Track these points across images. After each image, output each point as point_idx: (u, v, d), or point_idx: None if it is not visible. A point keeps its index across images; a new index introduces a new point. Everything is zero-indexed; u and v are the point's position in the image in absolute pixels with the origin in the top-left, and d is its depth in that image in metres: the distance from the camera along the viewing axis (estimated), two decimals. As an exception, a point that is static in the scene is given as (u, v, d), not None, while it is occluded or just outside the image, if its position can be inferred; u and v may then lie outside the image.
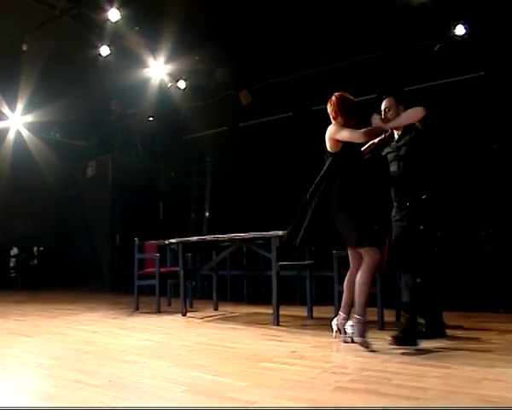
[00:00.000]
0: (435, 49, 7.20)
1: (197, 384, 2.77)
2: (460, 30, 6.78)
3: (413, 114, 3.73)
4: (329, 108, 3.95)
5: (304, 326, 4.85)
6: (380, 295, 4.35)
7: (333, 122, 3.89)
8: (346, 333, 3.79)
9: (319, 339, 4.04)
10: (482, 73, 7.21)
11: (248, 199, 8.80)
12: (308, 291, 5.24)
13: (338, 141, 3.79)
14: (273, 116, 8.86)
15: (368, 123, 3.78)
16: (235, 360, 3.35)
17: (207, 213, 9.89)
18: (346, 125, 3.81)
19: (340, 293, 4.62)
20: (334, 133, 3.79)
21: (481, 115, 6.97)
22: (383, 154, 4.12)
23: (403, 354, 3.38)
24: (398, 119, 3.83)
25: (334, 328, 3.90)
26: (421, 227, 3.80)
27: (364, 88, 7.79)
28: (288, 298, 6.54)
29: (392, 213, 4.02)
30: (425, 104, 7.34)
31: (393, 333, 3.70)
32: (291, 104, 8.66)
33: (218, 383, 2.80)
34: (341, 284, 4.56)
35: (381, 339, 3.90)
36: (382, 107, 4.05)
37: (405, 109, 3.84)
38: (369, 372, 2.90)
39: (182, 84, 8.87)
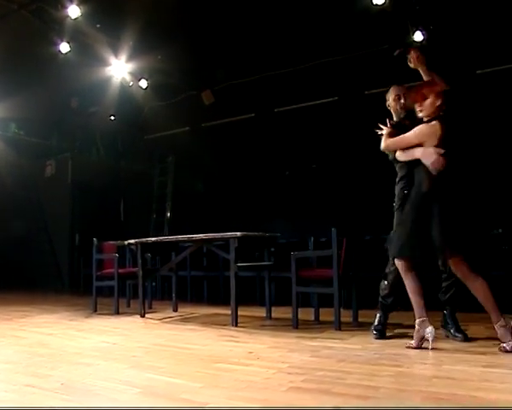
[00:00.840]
0: (395, 54, 7.32)
1: (151, 386, 2.75)
2: (418, 36, 6.93)
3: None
4: None
5: (262, 327, 4.87)
6: (337, 295, 4.38)
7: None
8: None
9: (277, 339, 4.07)
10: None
11: (210, 199, 8.79)
12: (267, 292, 5.26)
13: None
14: (235, 117, 8.87)
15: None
16: (191, 362, 3.34)
17: (169, 214, 9.82)
18: None
19: (297, 293, 4.68)
20: None
21: (441, 118, 7.12)
22: None
23: (358, 354, 3.43)
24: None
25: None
26: None
27: (325, 91, 7.92)
28: (247, 299, 6.55)
29: None
30: (386, 108, 7.50)
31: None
32: (253, 105, 8.69)
33: (172, 384, 2.78)
34: (299, 285, 4.63)
35: (338, 339, 3.96)
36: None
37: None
38: (323, 372, 2.93)
39: (143, 84, 8.78)
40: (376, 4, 6.49)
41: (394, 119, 4.11)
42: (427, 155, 3.49)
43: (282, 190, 8.00)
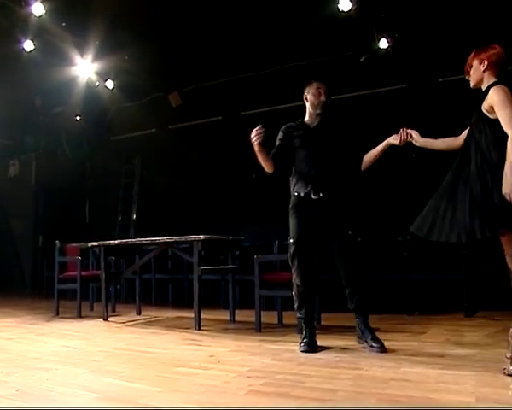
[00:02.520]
0: (361, 60, 7.43)
1: (109, 391, 2.72)
2: (383, 43, 7.03)
3: None
4: None
5: (225, 330, 4.87)
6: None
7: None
8: None
9: (239, 343, 4.08)
10: (404, 85, 7.52)
11: (177, 202, 8.73)
12: (230, 295, 5.27)
13: None
14: (203, 119, 8.84)
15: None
16: (151, 366, 3.32)
17: (135, 216, 9.72)
18: None
19: (261, 297, 4.70)
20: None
21: (403, 125, 7.24)
22: None
23: (319, 358, 3.46)
24: None
25: None
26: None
27: (292, 95, 7.96)
28: (212, 302, 6.56)
29: None
30: (351, 113, 7.60)
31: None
32: (221, 108, 8.68)
33: (131, 388, 2.76)
34: (263, 288, 4.65)
35: (297, 343, 3.99)
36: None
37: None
38: (282, 376, 2.95)
39: (110, 84, 8.68)
40: (342, 11, 6.56)
41: (306, 114, 4.10)
42: None
43: (249, 193, 8.01)
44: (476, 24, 6.54)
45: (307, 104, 4.12)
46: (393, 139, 3.78)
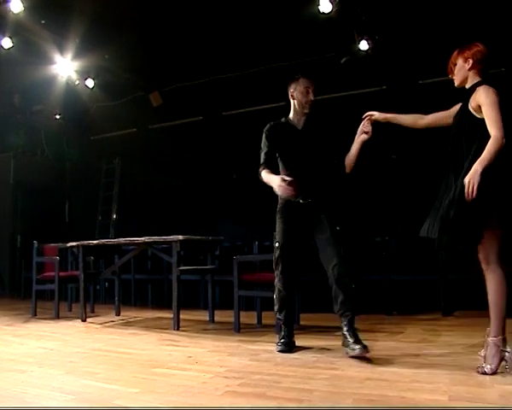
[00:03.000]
0: (342, 61, 7.48)
1: (85, 393, 2.70)
2: (364, 45, 7.09)
3: None
4: None
5: (204, 331, 4.86)
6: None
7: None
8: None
9: (217, 343, 4.08)
10: (384, 87, 7.59)
11: (157, 202, 8.70)
12: (210, 296, 5.26)
13: None
14: (183, 119, 8.82)
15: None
16: (129, 367, 3.30)
17: (115, 216, 9.65)
18: None
19: (241, 297, 4.71)
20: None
21: (382, 126, 7.32)
22: None
23: (296, 358, 3.48)
24: None
25: None
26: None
27: (273, 96, 7.98)
28: (192, 302, 6.56)
29: None
30: (331, 114, 7.63)
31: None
32: (201, 108, 8.67)
33: (107, 390, 2.74)
34: (242, 288, 4.66)
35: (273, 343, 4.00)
36: None
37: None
38: (260, 376, 2.96)
39: (90, 83, 8.60)
40: (323, 13, 6.59)
41: (291, 112, 3.87)
42: None
43: (230, 194, 8.01)
44: (456, 26, 6.63)
45: (293, 102, 3.88)
46: (361, 136, 3.81)
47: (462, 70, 3.10)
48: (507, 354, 2.81)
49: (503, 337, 2.82)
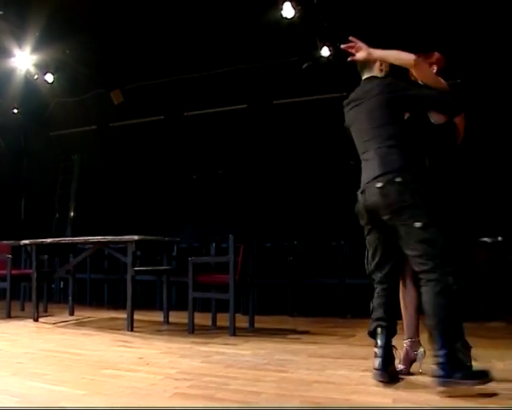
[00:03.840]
0: (304, 66, 7.55)
1: (30, 394, 2.65)
2: (325, 51, 7.18)
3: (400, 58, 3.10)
4: None
5: (158, 332, 4.84)
6: (232, 301, 4.44)
7: None
8: None
9: (170, 345, 4.06)
10: (345, 93, 7.68)
11: (116, 201, 8.59)
12: (165, 297, 5.24)
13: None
14: (144, 118, 8.74)
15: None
16: (78, 368, 3.26)
17: (72, 214, 9.48)
18: None
19: (197, 299, 4.71)
20: None
21: (342, 132, 7.44)
22: None
23: (247, 360, 3.50)
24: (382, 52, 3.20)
25: None
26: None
27: (235, 98, 8.02)
28: (148, 303, 6.51)
29: None
30: (293, 119, 7.70)
31: None
32: (163, 108, 8.61)
33: (54, 392, 2.70)
34: (197, 290, 4.66)
35: (231, 345, 4.02)
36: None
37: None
38: (209, 378, 2.97)
39: (50, 78, 8.42)
40: (286, 17, 6.65)
41: None
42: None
43: (189, 195, 7.98)
44: (412, 38, 6.79)
45: None
46: None
47: None
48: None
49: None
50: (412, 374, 3.03)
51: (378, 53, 3.19)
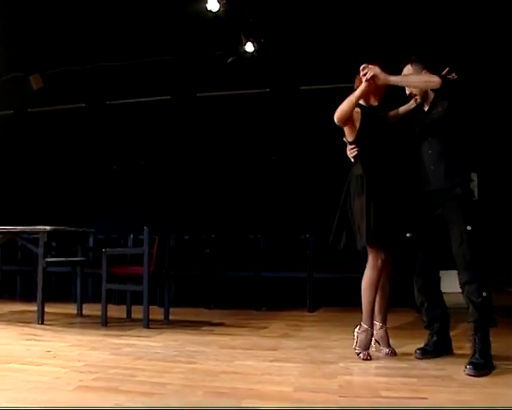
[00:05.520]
0: (228, 61, 7.60)
1: None
2: (249, 47, 7.26)
3: (425, 80, 3.19)
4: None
5: (70, 324, 4.74)
6: (146, 293, 4.43)
7: None
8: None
9: (81, 337, 4.00)
10: (268, 89, 7.82)
11: (33, 190, 8.27)
12: (78, 289, 5.14)
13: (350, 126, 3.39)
14: (65, 105, 8.47)
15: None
16: (-20, 363, 3.15)
17: (-15, 202, 9.05)
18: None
19: (112, 291, 4.67)
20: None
21: (264, 128, 7.57)
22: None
23: (158, 352, 3.51)
24: (403, 78, 3.31)
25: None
26: (469, 228, 3.08)
27: (159, 89, 7.95)
28: (64, 295, 6.35)
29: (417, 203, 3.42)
30: (216, 112, 7.73)
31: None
32: (84, 95, 8.37)
33: (-47, 388, 2.61)
34: (112, 281, 4.63)
35: (144, 337, 4.02)
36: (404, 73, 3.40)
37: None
38: (116, 370, 2.96)
39: (-38, 58, 8.00)
40: (210, 11, 6.66)
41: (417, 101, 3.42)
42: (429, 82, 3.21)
43: (110, 185, 7.84)
44: (337, 39, 7.00)
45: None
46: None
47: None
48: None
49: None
50: (316, 362, 3.16)
51: (394, 78, 3.27)
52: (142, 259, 4.43)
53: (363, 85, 3.25)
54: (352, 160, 3.43)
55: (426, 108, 3.34)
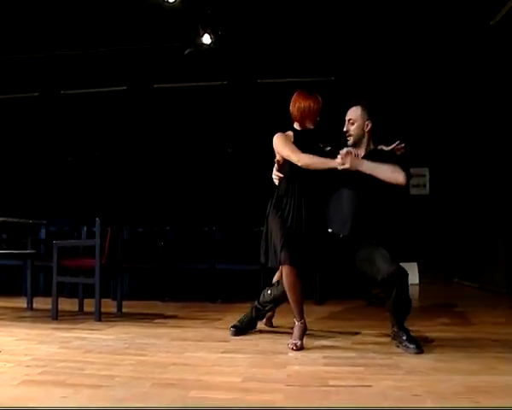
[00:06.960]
0: (185, 53, 7.55)
1: None
2: (207, 39, 7.23)
3: (393, 176, 3.33)
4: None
5: (19, 318, 4.63)
6: (98, 285, 4.37)
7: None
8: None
9: (30, 331, 3.91)
10: (225, 82, 7.82)
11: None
12: (29, 282, 5.02)
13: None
14: (17, 94, 8.24)
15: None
16: None
17: None
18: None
19: (59, 284, 4.58)
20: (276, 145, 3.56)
21: (221, 120, 7.58)
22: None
23: (108, 345, 3.48)
24: (374, 167, 3.34)
25: None
26: None
27: (115, 79, 7.84)
28: (15, 289, 6.21)
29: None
30: (173, 104, 7.67)
31: None
32: (38, 84, 8.18)
33: None
34: (62, 274, 4.55)
35: (95, 330, 3.97)
36: (347, 116, 3.54)
37: (371, 124, 3.50)
38: (64, 363, 2.92)
39: None
40: (168, 1, 6.60)
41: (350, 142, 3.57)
42: (394, 177, 3.37)
43: (64, 177, 7.69)
44: (294, 34, 7.05)
45: (353, 133, 3.57)
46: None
47: None
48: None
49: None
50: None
51: (366, 167, 3.37)
52: (94, 251, 4.36)
53: (337, 164, 3.34)
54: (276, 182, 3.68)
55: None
